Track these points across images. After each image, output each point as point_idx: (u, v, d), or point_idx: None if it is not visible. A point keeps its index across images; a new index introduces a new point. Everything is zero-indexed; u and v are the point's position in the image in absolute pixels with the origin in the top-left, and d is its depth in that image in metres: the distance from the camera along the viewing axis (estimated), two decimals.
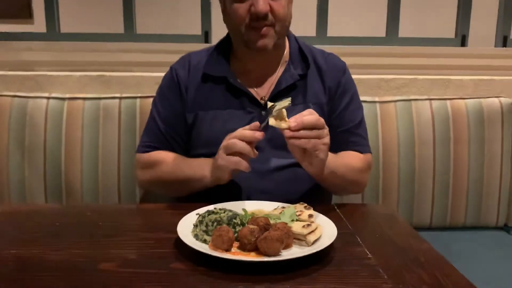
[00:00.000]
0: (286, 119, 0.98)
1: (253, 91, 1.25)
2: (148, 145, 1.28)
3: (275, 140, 1.18)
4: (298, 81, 1.26)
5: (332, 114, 1.28)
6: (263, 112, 1.21)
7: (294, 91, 1.25)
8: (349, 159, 1.24)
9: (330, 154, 1.07)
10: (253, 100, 1.24)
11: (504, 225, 1.68)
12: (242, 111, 1.23)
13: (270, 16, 1.15)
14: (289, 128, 0.97)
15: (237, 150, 1.02)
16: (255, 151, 1.03)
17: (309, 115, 1.00)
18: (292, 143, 1.00)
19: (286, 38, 1.29)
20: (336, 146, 1.03)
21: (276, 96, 1.22)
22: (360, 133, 1.32)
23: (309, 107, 1.24)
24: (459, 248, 1.47)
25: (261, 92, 1.26)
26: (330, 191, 1.29)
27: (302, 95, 1.26)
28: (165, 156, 1.25)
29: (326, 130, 1.02)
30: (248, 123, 1.20)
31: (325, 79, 1.28)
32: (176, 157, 1.25)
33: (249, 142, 1.02)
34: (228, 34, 1.30)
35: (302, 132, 0.98)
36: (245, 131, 1.03)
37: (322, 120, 1.01)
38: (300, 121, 0.98)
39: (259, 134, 1.01)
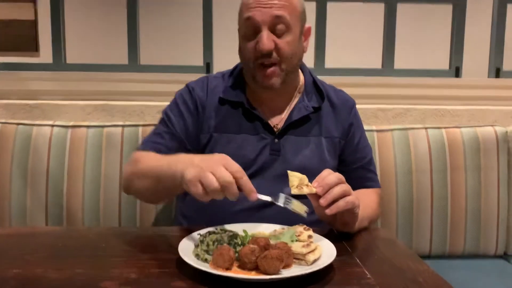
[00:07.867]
0: (309, 184, 0.95)
1: (267, 118, 1.26)
2: (146, 146, 1.22)
3: (283, 177, 1.20)
4: (312, 114, 1.27)
5: (346, 151, 1.31)
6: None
7: (308, 123, 1.26)
8: (368, 201, 1.23)
9: None
10: (267, 127, 1.25)
11: (503, 253, 1.68)
12: (255, 137, 1.24)
13: (274, 54, 1.15)
14: (315, 193, 0.94)
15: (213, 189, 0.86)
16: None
17: (330, 175, 0.96)
18: (332, 211, 0.94)
19: (300, 70, 1.30)
20: (350, 183, 1.00)
21: (289, 126, 1.24)
22: (372, 169, 1.35)
23: (321, 141, 1.27)
24: (459, 277, 1.47)
25: (275, 121, 1.27)
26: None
27: (316, 128, 1.27)
28: (151, 153, 1.18)
29: (347, 184, 0.98)
30: (261, 150, 1.22)
31: (337, 115, 1.30)
32: (160, 155, 1.16)
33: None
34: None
35: (335, 192, 0.94)
36: (247, 181, 0.87)
37: (341, 176, 0.98)
38: (325, 183, 0.95)
39: (253, 198, 0.89)
